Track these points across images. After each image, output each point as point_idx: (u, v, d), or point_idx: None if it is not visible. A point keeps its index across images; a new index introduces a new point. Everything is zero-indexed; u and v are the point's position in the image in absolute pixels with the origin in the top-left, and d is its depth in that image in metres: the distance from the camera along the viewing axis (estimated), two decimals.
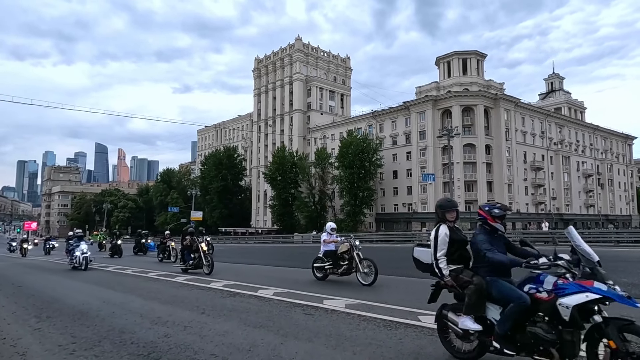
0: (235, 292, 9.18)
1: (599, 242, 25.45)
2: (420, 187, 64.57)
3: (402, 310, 6.66)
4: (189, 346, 4.99)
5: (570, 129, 78.33)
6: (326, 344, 4.95)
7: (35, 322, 6.58)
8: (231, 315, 6.69)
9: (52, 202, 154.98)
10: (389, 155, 69.33)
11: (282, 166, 70.29)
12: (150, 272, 14.49)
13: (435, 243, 4.30)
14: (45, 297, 9.40)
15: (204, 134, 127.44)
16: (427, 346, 4.75)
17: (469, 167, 62.35)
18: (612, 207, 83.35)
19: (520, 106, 68.36)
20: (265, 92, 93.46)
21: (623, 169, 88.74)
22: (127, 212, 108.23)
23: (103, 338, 5.49)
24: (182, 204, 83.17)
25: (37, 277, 14.49)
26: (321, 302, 7.46)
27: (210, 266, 13.08)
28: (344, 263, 10.36)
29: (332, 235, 11.27)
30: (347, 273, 10.36)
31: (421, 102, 66.76)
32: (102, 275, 14.34)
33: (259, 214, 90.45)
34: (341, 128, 77.01)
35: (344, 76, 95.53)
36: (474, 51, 72.35)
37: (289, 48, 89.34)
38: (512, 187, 63.98)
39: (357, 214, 63.35)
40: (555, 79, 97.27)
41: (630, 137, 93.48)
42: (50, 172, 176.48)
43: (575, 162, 76.70)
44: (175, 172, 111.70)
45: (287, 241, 47.38)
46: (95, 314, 7.13)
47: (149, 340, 5.29)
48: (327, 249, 10.92)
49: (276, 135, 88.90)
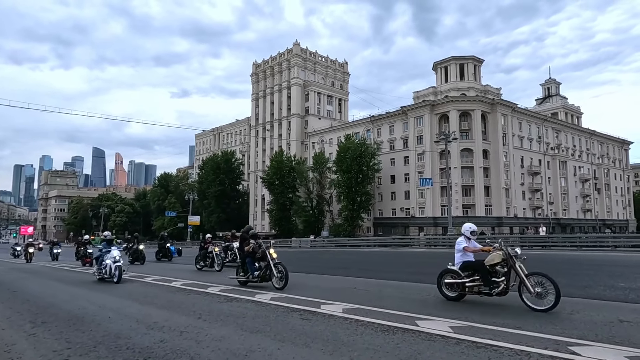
0: (232, 296, 9.14)
1: (596, 247, 25.51)
2: (417, 191, 64.63)
3: (399, 315, 6.64)
4: (185, 351, 4.95)
5: (567, 134, 78.69)
6: (323, 349, 4.92)
7: (30, 328, 6.52)
8: (228, 321, 6.65)
9: (48, 207, 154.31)
10: (386, 160, 69.42)
11: (280, 171, 70.27)
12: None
13: None
14: (40, 302, 9.33)
15: (202, 138, 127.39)
16: (424, 351, 4.73)
17: (467, 171, 62.48)
18: (609, 211, 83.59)
19: (517, 111, 68.68)
20: (263, 96, 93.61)
21: (620, 174, 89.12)
22: (124, 217, 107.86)
23: (98, 343, 5.44)
24: (179, 209, 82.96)
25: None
26: (318, 307, 7.43)
27: (284, 278, 10.09)
28: (500, 279, 7.50)
29: (470, 240, 8.56)
30: (504, 293, 7.49)
31: (419, 107, 66.97)
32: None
33: (257, 219, 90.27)
34: (339, 133, 77.15)
35: (342, 81, 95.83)
36: (471, 56, 72.73)
37: (287, 53, 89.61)
38: (510, 191, 64.12)
39: (354, 219, 63.33)
40: (552, 84, 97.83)
41: (626, 142, 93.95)
42: (47, 177, 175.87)
43: (572, 166, 76.98)
44: (172, 176, 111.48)
45: (284, 245, 47.28)
46: (91, 319, 7.07)
47: (144, 346, 5.25)
48: (466, 259, 8.21)
49: (274, 140, 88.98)
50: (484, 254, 7.98)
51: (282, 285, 9.98)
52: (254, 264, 10.75)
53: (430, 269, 13.64)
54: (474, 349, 4.76)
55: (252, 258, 10.84)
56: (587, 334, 5.33)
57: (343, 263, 20.55)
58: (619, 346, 4.76)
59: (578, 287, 9.66)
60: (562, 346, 4.77)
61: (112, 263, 12.67)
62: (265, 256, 10.45)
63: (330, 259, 23.69)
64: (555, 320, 6.11)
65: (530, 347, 4.75)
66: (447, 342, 5.08)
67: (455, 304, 7.65)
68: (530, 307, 6.81)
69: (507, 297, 8.30)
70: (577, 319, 6.24)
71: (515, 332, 5.42)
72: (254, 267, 10.70)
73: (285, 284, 10.02)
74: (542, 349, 4.64)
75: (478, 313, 6.72)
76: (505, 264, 7.52)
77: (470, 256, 8.27)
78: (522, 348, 4.70)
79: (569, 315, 6.45)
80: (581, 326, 5.76)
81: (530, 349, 4.66)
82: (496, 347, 4.79)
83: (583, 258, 19.06)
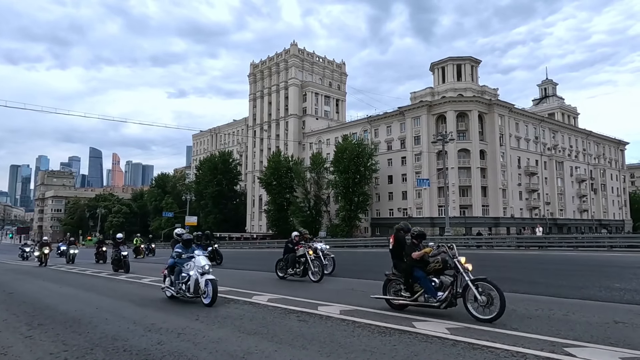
0: (229, 298, 9.13)
1: (592, 247, 25.59)
2: (415, 192, 64.73)
3: (396, 316, 6.66)
4: (183, 353, 4.95)
5: (563, 134, 78.97)
6: (320, 351, 4.94)
7: (26, 330, 6.50)
8: (225, 322, 6.65)
9: (45, 207, 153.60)
10: (384, 160, 69.48)
11: (278, 171, 70.21)
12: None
13: None
14: (37, 304, 9.30)
15: (199, 138, 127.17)
16: (421, 353, 4.75)
17: (464, 172, 62.60)
18: (605, 212, 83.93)
19: (514, 112, 68.87)
20: (260, 97, 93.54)
21: (616, 174, 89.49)
22: (121, 217, 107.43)
23: (95, 345, 5.44)
24: (176, 209, 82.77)
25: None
26: (316, 309, 7.44)
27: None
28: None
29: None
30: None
31: (416, 107, 67.07)
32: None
33: (254, 219, 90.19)
34: (336, 133, 77.15)
35: (339, 81, 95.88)
36: (468, 57, 72.87)
37: (285, 53, 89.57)
38: (507, 192, 64.28)
39: (352, 219, 63.35)
40: (549, 85, 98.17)
41: (622, 142, 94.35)
42: (43, 177, 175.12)
43: (569, 167, 77.26)
44: (169, 177, 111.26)
45: (282, 246, 47.06)
46: (88, 320, 7.06)
47: (142, 348, 5.25)
48: None
49: (271, 140, 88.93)
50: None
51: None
52: (433, 279, 6.73)
53: None
54: (470, 351, 4.78)
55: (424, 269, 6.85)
56: (582, 335, 5.37)
57: (340, 264, 20.54)
58: (615, 347, 4.80)
59: (574, 288, 9.71)
60: (557, 347, 4.79)
61: (200, 276, 8.39)
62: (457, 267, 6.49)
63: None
64: (551, 322, 6.14)
65: (526, 348, 4.77)
66: (444, 343, 5.10)
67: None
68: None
69: None
70: (572, 320, 6.27)
71: (512, 334, 5.45)
72: (431, 285, 6.69)
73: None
74: (538, 351, 4.67)
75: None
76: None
77: None
78: (518, 349, 4.72)
79: (564, 317, 6.49)
80: (577, 327, 5.79)
81: (526, 350, 4.68)
82: (492, 349, 4.81)
83: (579, 258, 19.14)
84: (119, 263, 17.16)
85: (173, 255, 9.22)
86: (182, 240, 9.50)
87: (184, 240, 9.48)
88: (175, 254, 9.14)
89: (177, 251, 9.13)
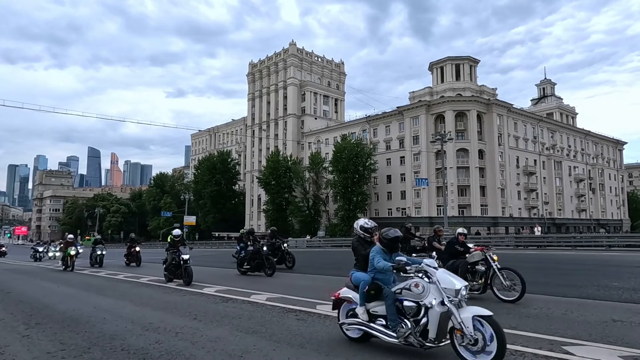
0: (227, 297, 9.12)
1: (590, 246, 25.65)
2: (414, 191, 64.78)
3: None
4: (181, 352, 4.94)
5: (562, 134, 79.09)
6: (319, 350, 4.92)
7: (24, 329, 6.48)
8: (223, 321, 6.63)
9: (43, 207, 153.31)
10: (382, 160, 69.51)
11: (276, 171, 70.20)
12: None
13: None
14: (35, 303, 9.27)
15: (198, 138, 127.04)
16: (420, 351, 4.74)
17: (462, 171, 62.67)
18: (604, 211, 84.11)
19: (513, 111, 68.95)
20: (259, 96, 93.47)
21: (614, 174, 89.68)
22: (119, 217, 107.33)
23: (93, 345, 5.42)
24: (175, 209, 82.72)
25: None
26: (314, 308, 7.43)
27: None
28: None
29: None
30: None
31: (414, 107, 67.11)
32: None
33: (253, 219, 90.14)
34: (335, 133, 77.13)
35: (338, 81, 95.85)
36: (467, 57, 72.95)
37: (283, 53, 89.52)
38: (505, 191, 64.37)
39: (351, 219, 63.22)
40: (547, 85, 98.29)
41: (620, 142, 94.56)
42: (41, 177, 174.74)
43: (567, 167, 77.39)
44: (168, 176, 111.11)
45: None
46: (86, 320, 7.04)
47: (139, 347, 5.23)
48: None
49: (270, 140, 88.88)
50: None
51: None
52: None
53: None
54: None
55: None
56: (581, 333, 5.37)
57: (339, 263, 20.53)
58: (613, 346, 4.80)
59: (572, 287, 9.72)
60: (556, 346, 4.79)
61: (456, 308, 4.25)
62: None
63: (327, 259, 23.72)
64: (550, 320, 6.14)
65: (525, 347, 4.77)
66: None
67: None
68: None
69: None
70: (571, 318, 6.27)
71: (510, 332, 5.44)
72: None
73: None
74: (536, 349, 4.67)
75: None
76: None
77: None
78: (516, 348, 4.72)
79: (563, 315, 6.49)
80: (575, 326, 5.79)
81: (524, 349, 4.68)
82: None
83: (578, 258, 19.17)
84: (176, 270, 12.25)
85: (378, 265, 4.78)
86: (387, 240, 5.02)
87: (390, 241, 5.02)
88: (377, 257, 4.83)
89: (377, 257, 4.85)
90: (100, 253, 20.23)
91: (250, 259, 14.31)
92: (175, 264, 12.31)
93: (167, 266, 12.63)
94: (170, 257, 12.51)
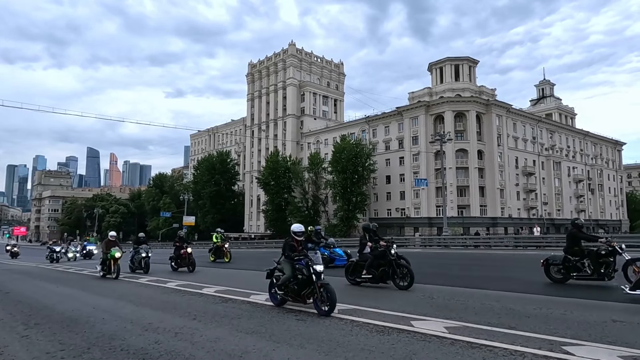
0: (227, 297, 9.12)
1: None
2: (413, 192, 64.78)
3: (394, 315, 6.65)
4: (180, 353, 4.93)
5: (561, 134, 79.19)
6: (318, 350, 4.92)
7: (23, 329, 6.47)
8: (223, 322, 6.63)
9: (42, 207, 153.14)
10: (382, 161, 69.52)
11: (276, 171, 70.18)
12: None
13: None
14: (34, 303, 9.26)
15: (197, 138, 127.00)
16: (419, 351, 4.75)
17: (462, 172, 62.71)
18: (603, 212, 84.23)
19: (512, 112, 69.02)
20: (258, 97, 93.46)
21: (613, 175, 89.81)
22: (118, 217, 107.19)
23: (92, 345, 5.41)
24: (174, 209, 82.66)
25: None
26: (314, 308, 7.42)
27: None
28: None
29: None
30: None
31: (414, 107, 67.14)
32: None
33: (252, 219, 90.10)
34: (334, 133, 77.11)
35: (338, 81, 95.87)
36: (466, 57, 73.01)
37: (283, 53, 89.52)
38: (504, 192, 64.43)
39: (350, 219, 63.36)
40: (546, 85, 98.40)
41: (619, 143, 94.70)
42: (40, 177, 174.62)
43: (566, 167, 77.47)
44: (167, 176, 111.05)
45: (280, 246, 47.11)
46: (85, 320, 7.03)
47: (139, 347, 5.23)
48: None
49: (269, 140, 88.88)
50: None
51: None
52: None
53: (425, 269, 13.70)
54: (468, 349, 4.78)
55: None
56: (580, 333, 5.37)
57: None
58: (612, 346, 4.80)
59: (571, 287, 9.74)
60: (555, 346, 4.80)
61: None
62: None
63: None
64: (549, 320, 6.15)
65: (525, 347, 4.77)
66: (442, 342, 5.10)
67: (449, 304, 7.66)
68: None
69: (499, 296, 8.36)
70: (570, 318, 6.28)
71: (510, 332, 5.45)
72: None
73: None
74: (536, 349, 4.67)
75: (472, 313, 6.75)
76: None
77: None
78: (516, 348, 4.73)
79: (562, 315, 6.49)
80: (575, 326, 5.80)
81: (524, 349, 4.68)
82: (491, 347, 4.81)
83: None
84: (305, 286, 8.35)
85: None
86: None
87: None
88: None
89: None
90: (145, 255, 16.20)
91: None
92: (306, 280, 10.61)
93: (280, 282, 10.97)
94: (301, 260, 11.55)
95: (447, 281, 11.16)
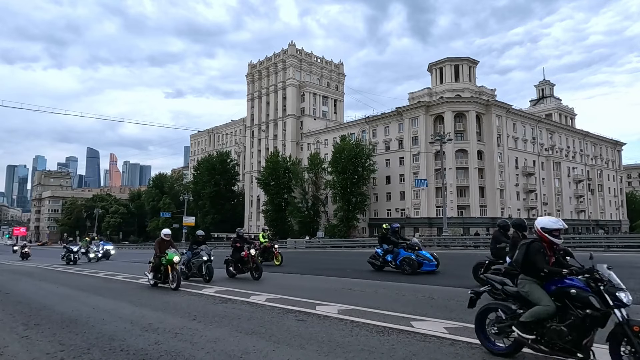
0: (227, 298, 9.11)
1: (589, 247, 25.63)
2: (413, 192, 64.77)
3: (394, 315, 6.65)
4: (180, 353, 4.93)
5: (560, 135, 79.19)
6: (318, 351, 4.92)
7: (23, 330, 6.47)
8: (223, 322, 6.63)
9: (42, 207, 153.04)
10: (382, 161, 69.51)
11: (275, 171, 70.17)
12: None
13: None
14: (34, 304, 9.25)
15: (197, 139, 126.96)
16: (419, 352, 4.74)
17: (461, 172, 62.70)
18: (602, 212, 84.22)
19: (512, 112, 69.02)
20: (258, 97, 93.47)
21: (613, 175, 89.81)
22: (118, 218, 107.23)
23: (92, 345, 5.41)
24: (174, 210, 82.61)
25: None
26: (314, 308, 7.42)
27: None
28: None
29: None
30: None
31: (414, 108, 67.14)
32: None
33: (252, 219, 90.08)
34: (334, 133, 77.10)
35: (337, 82, 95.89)
36: (466, 58, 73.02)
37: (283, 53, 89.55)
38: (504, 192, 64.42)
39: (350, 219, 63.34)
40: (546, 86, 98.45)
41: (619, 143, 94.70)
42: (40, 177, 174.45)
43: (566, 167, 77.48)
44: (167, 177, 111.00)
45: (280, 247, 47.15)
46: (85, 320, 7.03)
47: (139, 348, 5.23)
48: None
49: (269, 141, 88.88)
50: None
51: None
52: None
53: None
54: (468, 350, 4.78)
55: None
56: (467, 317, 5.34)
57: (338, 264, 20.59)
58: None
59: None
60: None
61: None
62: None
63: (326, 259, 23.71)
64: None
65: None
66: (442, 343, 5.10)
67: (449, 304, 7.66)
68: None
69: None
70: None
71: None
72: None
73: None
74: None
75: (472, 313, 6.74)
76: None
77: None
78: None
79: None
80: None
81: (523, 349, 4.68)
82: None
83: (576, 258, 19.16)
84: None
85: None
86: None
87: None
88: None
89: None
90: (207, 259, 12.60)
91: None
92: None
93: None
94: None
95: (447, 281, 11.16)
